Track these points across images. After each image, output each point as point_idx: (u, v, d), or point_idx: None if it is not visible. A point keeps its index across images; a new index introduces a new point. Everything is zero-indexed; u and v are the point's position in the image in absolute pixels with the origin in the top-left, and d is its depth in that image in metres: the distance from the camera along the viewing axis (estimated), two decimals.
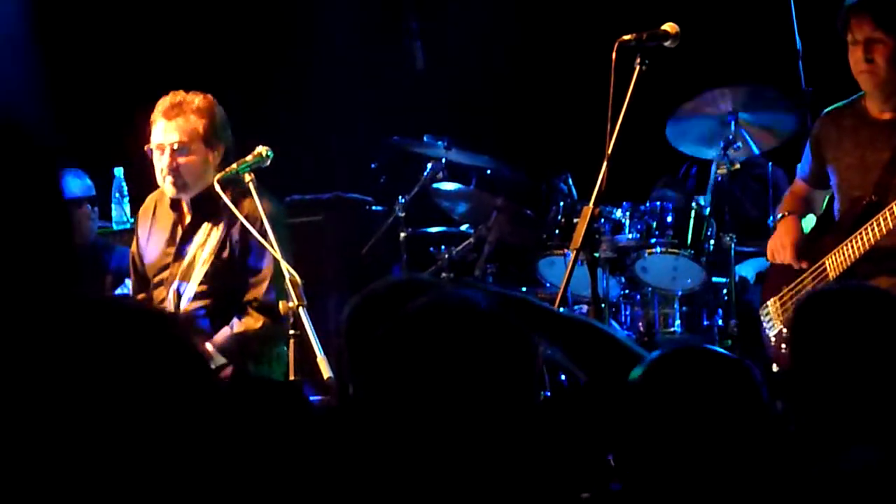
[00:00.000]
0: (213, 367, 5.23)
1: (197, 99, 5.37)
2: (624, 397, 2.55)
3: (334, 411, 3.48)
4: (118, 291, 5.83)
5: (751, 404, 2.56)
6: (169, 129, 5.33)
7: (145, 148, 5.39)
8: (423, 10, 8.91)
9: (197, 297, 5.33)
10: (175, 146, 5.31)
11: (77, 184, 6.95)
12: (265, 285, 5.29)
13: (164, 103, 5.36)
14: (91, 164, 7.22)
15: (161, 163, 5.35)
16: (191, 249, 5.39)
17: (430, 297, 2.41)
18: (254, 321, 5.30)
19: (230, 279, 5.35)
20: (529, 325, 2.47)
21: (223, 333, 5.31)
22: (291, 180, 6.92)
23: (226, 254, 5.34)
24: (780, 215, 5.59)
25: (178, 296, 5.32)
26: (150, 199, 5.64)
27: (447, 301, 2.41)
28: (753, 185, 7.45)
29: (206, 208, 5.38)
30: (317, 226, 7.65)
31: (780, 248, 5.48)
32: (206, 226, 5.40)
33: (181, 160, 5.33)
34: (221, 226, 5.36)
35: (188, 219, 5.45)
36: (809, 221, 5.64)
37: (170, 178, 5.36)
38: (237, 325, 5.31)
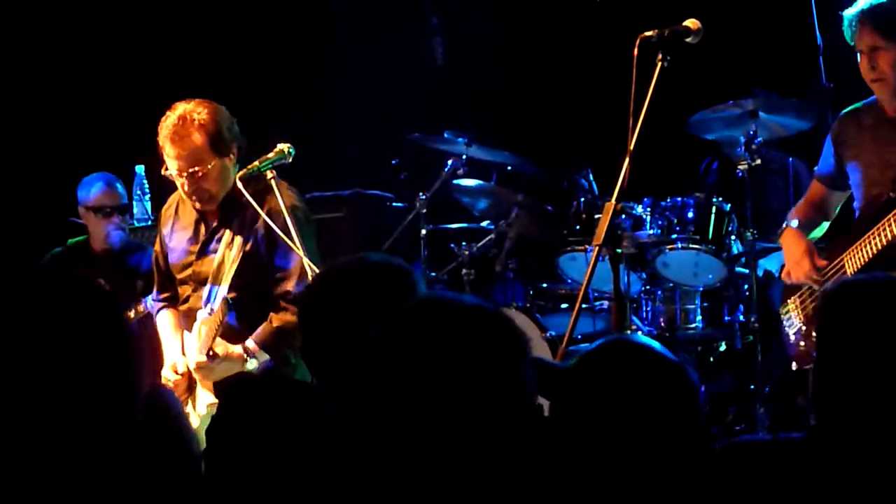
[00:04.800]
0: (255, 364, 5.24)
1: (194, 113, 5.27)
2: (557, 384, 2.58)
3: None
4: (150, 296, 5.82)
5: (679, 403, 2.58)
6: (178, 158, 5.26)
7: (163, 173, 5.36)
8: (443, 6, 8.91)
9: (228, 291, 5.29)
10: (189, 172, 5.27)
11: (108, 193, 6.93)
12: (295, 278, 5.24)
13: (165, 130, 5.27)
14: (112, 162, 7.25)
15: (183, 188, 5.34)
16: (219, 249, 5.36)
17: (417, 297, 2.45)
18: (290, 315, 5.20)
19: (258, 274, 5.30)
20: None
21: (263, 330, 5.27)
22: (312, 177, 6.92)
23: (250, 247, 5.29)
24: (785, 224, 5.55)
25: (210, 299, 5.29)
26: (172, 198, 5.62)
27: (434, 299, 2.43)
28: (775, 179, 7.44)
29: (231, 208, 5.36)
30: (337, 222, 7.66)
31: (795, 265, 5.44)
32: (233, 224, 5.36)
33: (200, 180, 5.29)
34: (247, 221, 5.33)
35: (213, 220, 5.43)
36: (822, 230, 5.60)
37: (195, 198, 5.35)
38: (275, 320, 5.26)
